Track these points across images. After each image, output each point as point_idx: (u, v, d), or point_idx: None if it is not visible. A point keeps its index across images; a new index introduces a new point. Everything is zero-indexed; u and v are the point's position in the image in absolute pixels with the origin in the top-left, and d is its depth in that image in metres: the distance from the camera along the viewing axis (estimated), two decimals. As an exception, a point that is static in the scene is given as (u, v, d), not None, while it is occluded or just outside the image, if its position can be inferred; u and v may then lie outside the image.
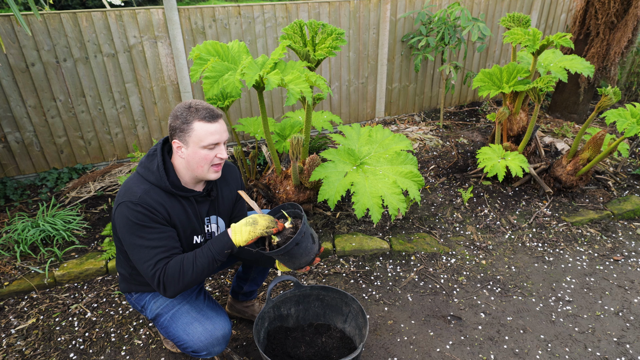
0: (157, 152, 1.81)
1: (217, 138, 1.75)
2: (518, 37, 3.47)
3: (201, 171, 1.79)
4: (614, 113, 3.33)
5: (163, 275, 1.70)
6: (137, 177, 1.81)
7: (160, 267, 1.71)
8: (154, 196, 1.75)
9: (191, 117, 1.71)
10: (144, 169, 1.81)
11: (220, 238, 1.77)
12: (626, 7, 4.60)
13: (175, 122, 1.73)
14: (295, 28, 2.87)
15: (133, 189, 1.75)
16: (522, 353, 2.38)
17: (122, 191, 1.77)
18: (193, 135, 1.72)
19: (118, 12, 3.67)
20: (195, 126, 1.71)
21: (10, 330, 2.52)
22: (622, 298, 2.77)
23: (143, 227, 1.71)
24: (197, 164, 1.77)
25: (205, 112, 1.73)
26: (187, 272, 1.72)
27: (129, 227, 1.72)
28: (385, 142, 3.26)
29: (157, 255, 1.72)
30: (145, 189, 1.75)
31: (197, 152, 1.74)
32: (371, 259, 3.11)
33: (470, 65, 5.66)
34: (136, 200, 1.71)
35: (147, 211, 1.71)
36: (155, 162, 1.79)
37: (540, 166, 3.95)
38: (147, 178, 1.78)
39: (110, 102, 3.94)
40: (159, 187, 1.78)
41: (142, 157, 1.84)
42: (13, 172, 3.85)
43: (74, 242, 3.17)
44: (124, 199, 1.73)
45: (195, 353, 1.93)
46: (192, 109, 1.73)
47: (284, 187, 3.22)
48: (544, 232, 3.40)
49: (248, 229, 1.72)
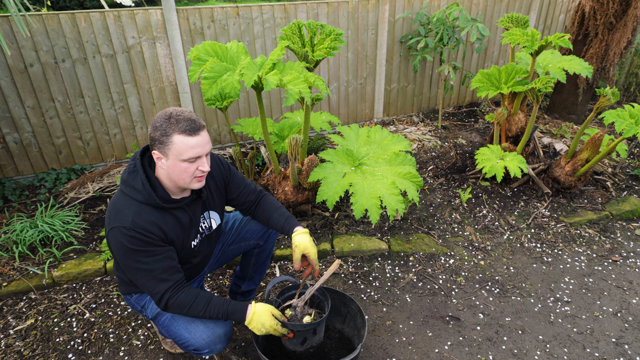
0: (138, 167, 1.72)
1: (198, 152, 1.66)
2: (516, 38, 3.48)
3: (183, 182, 1.73)
4: (613, 114, 3.34)
5: (172, 302, 1.74)
6: (123, 197, 1.72)
7: (170, 296, 1.73)
8: (145, 217, 1.68)
9: (171, 130, 1.61)
10: (128, 188, 1.71)
11: (239, 309, 1.80)
12: (625, 7, 4.60)
13: (154, 133, 1.63)
14: (294, 29, 2.87)
15: (123, 211, 1.68)
16: (520, 354, 2.38)
17: (112, 213, 1.70)
18: (173, 148, 1.63)
19: (117, 13, 3.67)
20: (174, 139, 1.61)
21: (9, 331, 2.52)
22: (621, 299, 2.77)
23: (139, 251, 1.67)
24: (178, 175, 1.70)
25: (186, 124, 1.62)
26: (194, 310, 1.76)
27: (124, 251, 1.67)
28: (384, 142, 3.26)
29: (161, 281, 1.72)
30: (135, 211, 1.67)
31: (178, 164, 1.66)
32: (370, 260, 3.11)
33: (469, 65, 5.67)
34: (128, 225, 1.64)
35: (142, 235, 1.66)
36: (139, 179, 1.70)
37: (539, 167, 3.95)
38: (134, 197, 1.70)
39: (108, 103, 3.94)
40: (148, 204, 1.71)
41: (122, 174, 1.76)
42: (11, 173, 3.85)
43: (72, 243, 3.17)
44: (116, 223, 1.66)
45: (197, 351, 1.93)
46: (172, 119, 1.62)
47: (283, 188, 3.22)
48: (543, 233, 3.40)
49: (259, 326, 1.80)
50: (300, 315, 1.98)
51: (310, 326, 1.90)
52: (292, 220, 2.06)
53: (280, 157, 3.50)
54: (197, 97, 4.26)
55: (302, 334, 1.94)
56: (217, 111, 4.43)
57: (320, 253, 3.10)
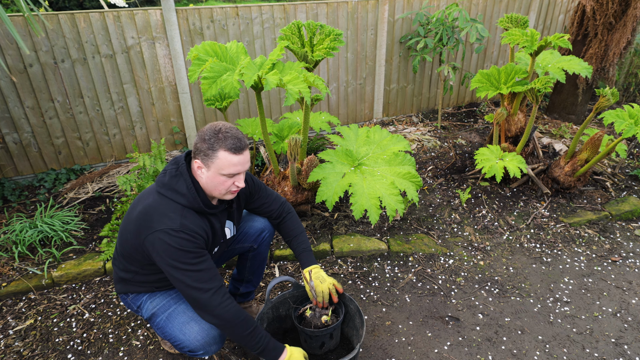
0: (183, 172, 1.80)
1: (238, 169, 1.77)
2: (516, 38, 3.48)
3: (217, 193, 1.83)
4: (612, 114, 3.34)
5: (223, 308, 1.76)
6: (164, 200, 1.78)
7: (220, 301, 1.75)
8: (191, 219, 1.77)
9: (218, 145, 1.71)
10: (170, 191, 1.78)
11: (277, 347, 1.87)
12: (624, 8, 4.61)
13: (202, 145, 1.73)
14: (293, 29, 2.87)
15: (168, 214, 1.73)
16: (520, 354, 2.38)
17: (154, 217, 1.74)
18: (216, 162, 1.73)
19: (116, 13, 3.67)
20: (220, 154, 1.72)
21: (8, 331, 2.51)
22: (620, 299, 2.78)
23: (188, 252, 1.72)
24: (214, 186, 1.80)
25: (233, 142, 1.72)
26: (241, 328, 1.79)
27: (171, 252, 1.71)
28: (383, 143, 3.27)
29: (209, 280, 1.75)
30: (181, 214, 1.75)
31: (217, 177, 1.76)
32: (369, 260, 3.11)
33: (468, 66, 5.67)
34: (177, 227, 1.71)
35: (190, 237, 1.73)
36: (183, 182, 1.78)
37: (538, 167, 3.95)
38: (177, 200, 1.77)
39: (108, 103, 3.94)
40: (191, 208, 1.79)
41: (160, 177, 1.82)
42: (11, 173, 3.84)
43: (72, 243, 3.17)
44: (162, 226, 1.71)
45: (192, 352, 1.93)
46: (220, 135, 1.72)
47: (282, 188, 3.22)
48: (542, 233, 3.40)
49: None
50: (319, 314, 2.10)
51: (326, 331, 2.04)
52: (305, 257, 2.17)
53: (279, 158, 3.50)
54: (196, 98, 4.26)
55: (319, 338, 2.07)
56: (217, 111, 4.43)
57: (319, 253, 3.10)
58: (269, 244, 2.41)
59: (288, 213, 2.27)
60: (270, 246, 3.11)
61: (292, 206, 2.39)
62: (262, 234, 2.30)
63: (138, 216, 1.78)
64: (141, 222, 1.76)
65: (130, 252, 1.88)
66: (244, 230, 2.30)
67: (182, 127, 4.34)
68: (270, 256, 3.08)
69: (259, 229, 2.29)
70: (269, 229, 2.33)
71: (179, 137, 4.39)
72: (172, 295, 2.03)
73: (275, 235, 3.29)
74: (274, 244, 3.19)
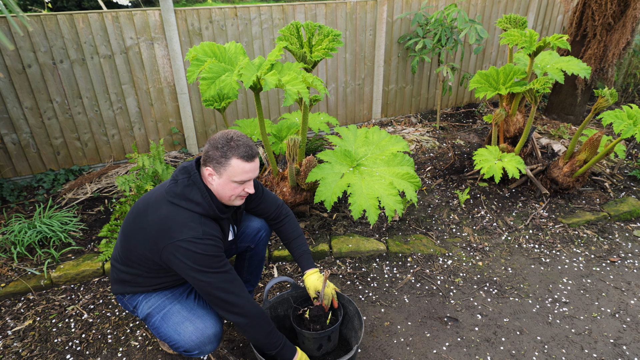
0: (197, 181, 1.83)
1: (249, 176, 1.82)
2: (515, 39, 3.48)
3: (227, 199, 1.88)
4: (611, 114, 3.34)
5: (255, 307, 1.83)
6: (181, 211, 1.80)
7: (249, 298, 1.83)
8: (210, 225, 1.82)
9: (230, 153, 1.75)
10: (185, 201, 1.80)
11: (292, 349, 1.95)
12: (623, 8, 4.61)
13: (214, 153, 1.77)
14: (292, 29, 2.87)
15: (188, 224, 1.76)
16: (518, 354, 2.38)
17: (174, 228, 1.76)
18: (229, 169, 1.77)
19: (115, 14, 3.67)
20: (232, 162, 1.76)
21: (7, 332, 2.51)
22: (619, 299, 2.78)
23: (215, 257, 1.77)
24: (225, 193, 1.84)
25: (245, 150, 1.77)
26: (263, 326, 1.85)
27: (197, 259, 1.74)
28: (382, 143, 3.27)
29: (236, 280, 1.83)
30: (201, 222, 1.79)
31: (228, 184, 1.81)
32: (368, 261, 3.11)
33: (467, 66, 5.68)
34: (200, 235, 1.75)
35: (213, 242, 1.78)
36: (197, 191, 1.82)
37: (537, 168, 3.96)
38: (194, 210, 1.80)
39: (106, 104, 3.94)
40: (207, 215, 1.83)
41: (171, 186, 1.85)
42: (9, 174, 3.84)
43: (70, 244, 3.16)
44: (184, 236, 1.73)
45: (187, 352, 1.94)
46: (232, 143, 1.76)
47: (281, 189, 3.22)
48: (541, 234, 3.40)
49: None
50: (318, 315, 2.11)
51: (324, 333, 2.05)
52: (304, 259, 2.21)
53: (278, 158, 3.50)
54: (195, 98, 4.26)
55: (317, 340, 2.08)
56: (215, 112, 4.43)
57: (318, 254, 3.10)
58: (266, 244, 2.42)
59: (286, 216, 2.29)
60: (269, 247, 3.12)
61: (290, 208, 2.40)
62: (259, 233, 2.32)
63: (153, 227, 1.79)
64: (159, 232, 1.78)
65: (138, 258, 1.89)
66: (241, 230, 2.31)
67: (180, 127, 4.34)
68: (268, 257, 3.08)
69: (255, 229, 2.31)
70: (266, 229, 2.35)
71: (178, 138, 4.39)
72: (168, 296, 2.04)
73: (273, 236, 3.29)
74: (272, 245, 3.19)
